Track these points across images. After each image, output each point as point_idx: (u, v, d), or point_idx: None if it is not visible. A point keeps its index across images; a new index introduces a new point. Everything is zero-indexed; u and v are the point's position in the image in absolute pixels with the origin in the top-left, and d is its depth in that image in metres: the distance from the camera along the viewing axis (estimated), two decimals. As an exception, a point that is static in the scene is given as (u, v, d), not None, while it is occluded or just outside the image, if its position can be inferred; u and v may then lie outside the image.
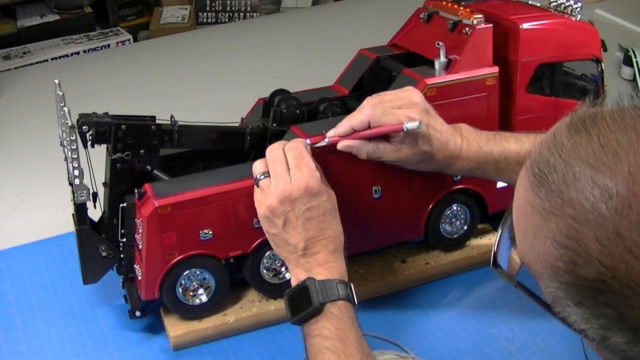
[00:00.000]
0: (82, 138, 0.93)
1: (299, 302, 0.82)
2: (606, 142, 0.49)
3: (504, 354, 0.95)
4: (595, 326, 0.50)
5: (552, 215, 0.50)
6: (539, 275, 0.53)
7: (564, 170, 0.50)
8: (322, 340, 0.79)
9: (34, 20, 2.60)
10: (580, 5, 1.07)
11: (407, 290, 1.07)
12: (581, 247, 0.48)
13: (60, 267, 1.14)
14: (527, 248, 0.54)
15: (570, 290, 0.50)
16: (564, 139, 0.52)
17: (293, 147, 0.88)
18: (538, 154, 0.53)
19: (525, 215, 0.54)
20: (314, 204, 0.84)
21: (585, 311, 0.50)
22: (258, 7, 2.85)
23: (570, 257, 0.49)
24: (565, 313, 0.52)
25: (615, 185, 0.47)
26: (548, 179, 0.51)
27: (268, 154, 0.88)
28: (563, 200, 0.49)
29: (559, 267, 0.50)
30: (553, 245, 0.50)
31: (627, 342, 0.50)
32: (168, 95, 1.72)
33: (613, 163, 0.48)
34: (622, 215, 0.47)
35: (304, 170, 0.85)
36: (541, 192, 0.51)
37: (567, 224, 0.49)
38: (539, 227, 0.51)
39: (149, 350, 0.98)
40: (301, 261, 0.85)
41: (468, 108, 1.02)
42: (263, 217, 0.87)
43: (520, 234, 0.56)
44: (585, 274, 0.49)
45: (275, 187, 0.85)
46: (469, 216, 1.09)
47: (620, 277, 0.47)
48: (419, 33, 1.12)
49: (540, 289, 0.55)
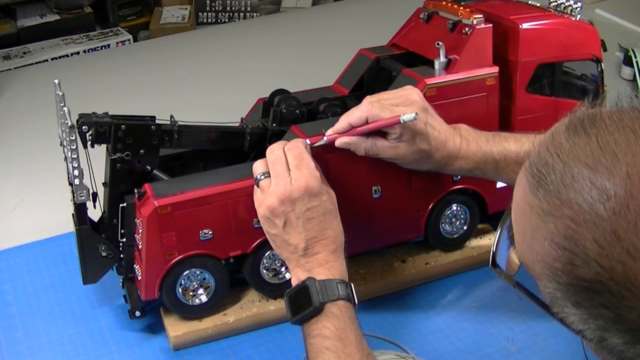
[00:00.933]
0: (82, 138, 0.93)
1: (299, 302, 0.82)
2: (604, 144, 0.49)
3: (504, 354, 0.95)
4: (592, 327, 0.50)
5: (550, 216, 0.50)
6: (537, 275, 0.53)
7: (562, 171, 0.50)
8: (322, 340, 0.79)
9: (34, 20, 2.60)
10: (580, 5, 1.07)
11: (407, 290, 1.07)
12: (579, 248, 0.48)
13: (60, 267, 1.14)
14: (526, 248, 0.54)
15: (568, 291, 0.50)
16: (562, 140, 0.52)
17: (293, 147, 0.88)
18: (537, 154, 0.53)
19: (523, 215, 0.54)
20: (315, 204, 0.84)
21: (583, 312, 0.50)
22: (258, 7, 2.85)
23: (568, 258, 0.49)
24: (564, 314, 0.52)
25: (613, 187, 0.47)
26: (546, 180, 0.51)
27: (268, 154, 0.88)
28: (561, 201, 0.49)
29: (557, 267, 0.50)
30: (551, 246, 0.50)
31: (624, 343, 0.50)
32: (168, 95, 1.72)
33: (611, 164, 0.48)
34: (619, 217, 0.47)
35: (304, 171, 0.85)
36: (539, 192, 0.51)
37: (565, 225, 0.49)
38: (537, 227, 0.51)
39: (149, 350, 0.98)
40: (301, 261, 0.85)
41: (468, 108, 1.02)
42: (263, 218, 0.87)
43: (518, 235, 0.56)
44: (582, 275, 0.49)
45: (276, 188, 0.85)
46: (469, 216, 1.09)
47: (617, 278, 0.47)
48: (418, 33, 1.12)
49: (539, 290, 0.55)
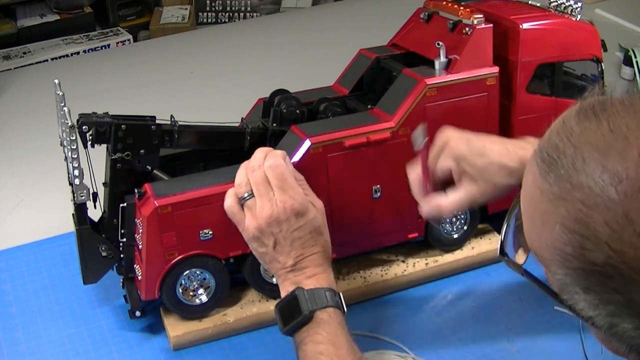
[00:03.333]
0: (82, 138, 0.93)
1: (290, 312, 0.84)
2: (616, 127, 0.49)
3: (504, 354, 0.95)
4: (603, 313, 0.50)
5: (561, 200, 0.50)
6: (546, 262, 0.53)
7: (573, 155, 0.50)
8: (315, 346, 0.81)
9: (34, 20, 2.60)
10: (580, 5, 1.07)
11: (407, 290, 1.07)
12: (590, 231, 0.48)
13: (60, 267, 1.14)
14: (535, 235, 0.54)
15: (578, 275, 0.50)
16: (573, 125, 0.52)
17: (274, 166, 0.87)
18: (547, 139, 0.53)
19: (533, 201, 0.53)
20: (301, 224, 0.86)
21: (594, 297, 0.50)
22: (258, 7, 2.85)
23: (579, 242, 0.49)
24: (573, 300, 0.52)
25: (625, 170, 0.47)
26: (557, 164, 0.51)
27: (250, 173, 0.88)
28: (572, 185, 0.49)
29: (568, 252, 0.50)
30: (562, 230, 0.50)
31: (635, 329, 0.49)
32: (168, 95, 1.72)
33: (623, 147, 0.48)
34: (631, 199, 0.47)
35: (289, 192, 0.86)
36: (550, 177, 0.51)
37: (576, 209, 0.49)
38: (547, 212, 0.51)
39: (149, 350, 0.98)
40: (289, 275, 0.86)
41: (468, 108, 1.02)
42: (252, 238, 0.87)
43: (528, 221, 0.55)
44: (594, 259, 0.48)
45: (262, 210, 0.85)
46: (469, 216, 1.09)
47: (629, 261, 0.47)
48: (419, 33, 1.12)
49: (547, 278, 0.55)
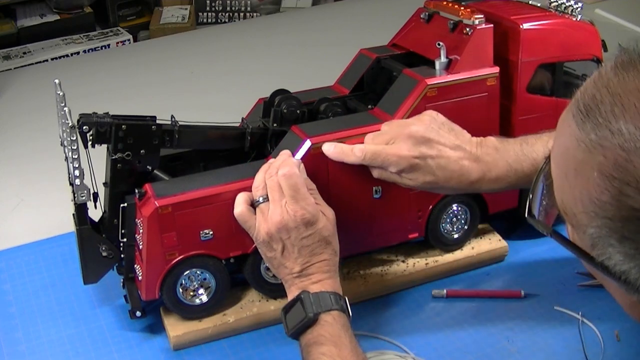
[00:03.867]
0: (83, 138, 0.92)
1: (295, 315, 0.85)
2: None
3: (504, 354, 0.95)
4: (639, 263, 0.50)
5: (599, 147, 0.50)
6: (577, 218, 0.53)
7: (611, 102, 0.50)
8: (318, 347, 0.82)
9: (34, 20, 2.60)
10: (580, 5, 1.07)
11: (407, 291, 1.07)
12: (630, 175, 0.48)
13: (60, 267, 1.14)
14: (567, 189, 0.54)
15: (614, 225, 0.50)
16: (610, 76, 0.52)
17: (287, 175, 0.88)
18: (583, 91, 0.54)
19: (567, 153, 0.54)
20: (310, 232, 0.87)
21: (630, 246, 0.50)
22: (258, 7, 2.85)
23: (619, 188, 0.49)
24: (606, 255, 0.52)
25: None
26: (595, 113, 0.51)
27: (267, 179, 0.90)
28: (611, 131, 0.50)
29: (605, 200, 0.50)
30: (599, 178, 0.50)
31: None
32: (168, 95, 1.72)
33: None
34: None
35: (301, 202, 0.87)
36: (587, 125, 0.51)
37: (615, 154, 0.49)
38: (583, 162, 0.52)
39: (149, 350, 0.98)
40: (296, 281, 0.88)
41: (469, 108, 1.02)
42: (262, 243, 0.89)
43: (559, 177, 0.56)
44: (633, 204, 0.49)
45: (273, 215, 0.87)
46: (469, 216, 1.09)
47: None
48: (419, 33, 1.12)
49: (574, 240, 0.55)
